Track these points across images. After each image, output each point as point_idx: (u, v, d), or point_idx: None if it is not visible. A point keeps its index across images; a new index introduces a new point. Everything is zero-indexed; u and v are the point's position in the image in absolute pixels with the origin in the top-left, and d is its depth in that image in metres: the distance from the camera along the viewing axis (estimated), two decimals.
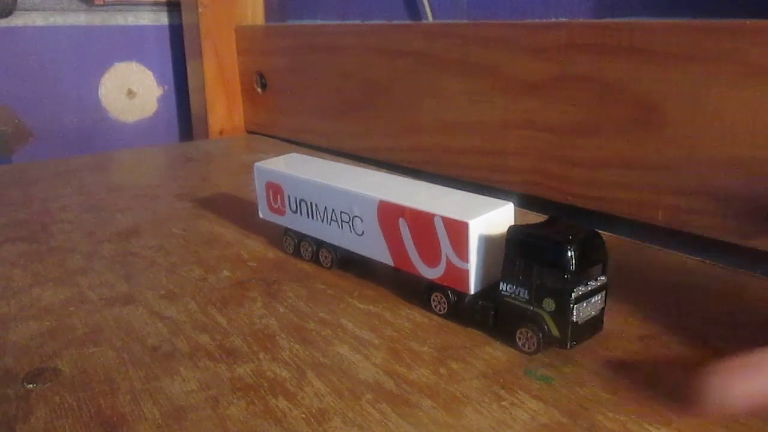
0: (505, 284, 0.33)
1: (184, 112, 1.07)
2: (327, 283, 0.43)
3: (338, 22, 0.86)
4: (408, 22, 0.74)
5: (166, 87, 1.07)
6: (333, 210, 0.42)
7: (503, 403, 0.29)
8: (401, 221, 0.37)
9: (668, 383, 0.30)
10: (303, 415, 0.29)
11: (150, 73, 1.05)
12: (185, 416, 0.29)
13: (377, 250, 0.39)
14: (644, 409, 0.28)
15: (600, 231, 0.33)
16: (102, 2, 0.98)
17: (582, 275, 0.32)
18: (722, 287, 0.40)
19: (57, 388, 0.31)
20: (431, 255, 0.36)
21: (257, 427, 0.28)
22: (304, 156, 0.51)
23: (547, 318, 0.32)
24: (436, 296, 0.37)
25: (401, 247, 0.38)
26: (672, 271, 0.43)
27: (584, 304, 0.32)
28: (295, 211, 0.45)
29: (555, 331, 0.32)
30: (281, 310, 0.39)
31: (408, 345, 0.34)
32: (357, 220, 0.40)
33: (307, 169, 0.45)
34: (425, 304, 0.38)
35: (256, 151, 0.85)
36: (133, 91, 1.04)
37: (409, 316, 0.38)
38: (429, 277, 0.37)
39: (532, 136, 0.57)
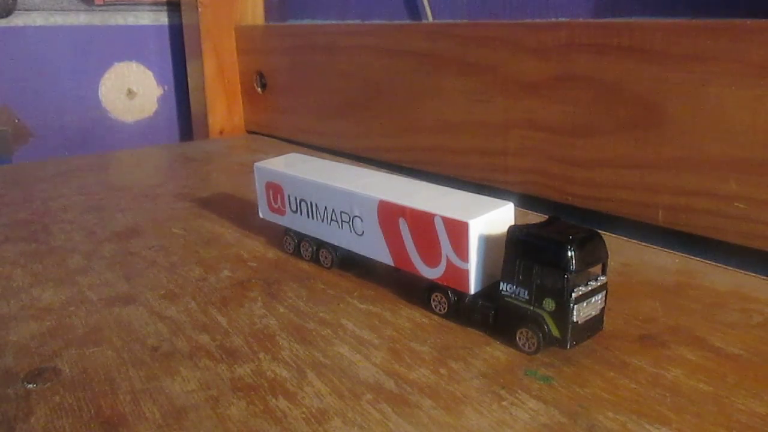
0: (505, 284, 0.33)
1: (184, 112, 1.07)
2: (327, 283, 0.43)
3: (338, 22, 0.86)
4: (408, 22, 0.74)
5: (166, 87, 1.07)
6: (333, 210, 0.42)
7: (503, 403, 0.29)
8: (401, 221, 0.37)
9: (668, 383, 0.30)
10: (303, 415, 0.29)
11: (150, 73, 1.05)
12: (185, 416, 0.29)
13: (377, 250, 0.39)
14: (644, 409, 0.28)
15: (600, 231, 0.33)
16: (102, 2, 0.98)
17: (582, 275, 0.32)
18: (722, 287, 0.40)
19: (57, 388, 0.31)
20: (431, 255, 0.36)
21: (257, 427, 0.28)
22: (304, 156, 0.51)
23: (548, 318, 0.32)
24: (436, 296, 0.37)
25: (401, 247, 0.38)
26: (672, 271, 0.43)
27: (584, 304, 0.32)
28: (295, 211, 0.45)
29: (555, 331, 0.32)
30: (281, 310, 0.39)
31: (408, 345, 0.34)
32: (357, 220, 0.40)
33: (307, 169, 0.45)
34: (425, 304, 0.38)
35: (256, 151, 0.85)
36: (133, 91, 1.04)
37: (409, 316, 0.38)
38: (429, 277, 0.37)
39: (532, 136, 0.57)
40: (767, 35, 0.41)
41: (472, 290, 0.35)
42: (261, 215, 0.48)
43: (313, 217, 0.43)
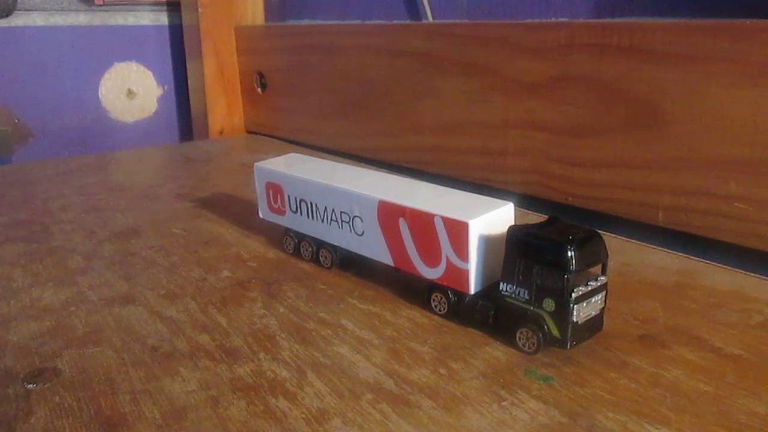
0: (505, 284, 0.33)
1: (184, 112, 1.07)
2: (327, 283, 0.43)
3: (338, 22, 0.86)
4: (408, 22, 0.74)
5: (166, 87, 1.07)
6: (333, 210, 0.42)
7: (503, 403, 0.29)
8: (401, 221, 0.37)
9: (668, 383, 0.30)
10: (303, 415, 0.29)
11: (150, 73, 1.05)
12: (185, 416, 0.29)
13: (377, 250, 0.39)
14: (644, 409, 0.28)
15: (600, 231, 0.33)
16: (102, 2, 0.98)
17: (582, 275, 0.32)
18: (722, 287, 0.40)
19: (57, 388, 0.31)
20: (431, 255, 0.36)
21: (257, 427, 0.28)
22: (304, 156, 0.51)
23: (547, 318, 0.32)
24: (436, 296, 0.37)
25: (401, 247, 0.38)
26: (672, 271, 0.43)
27: (584, 304, 0.32)
28: (295, 211, 0.45)
29: (555, 331, 0.32)
30: (281, 310, 0.39)
31: (408, 345, 0.34)
32: (357, 220, 0.40)
33: (307, 169, 0.45)
34: (425, 304, 0.38)
35: (256, 151, 0.85)
36: (133, 91, 1.04)
37: (409, 316, 0.38)
38: (429, 277, 0.37)
39: (532, 136, 0.57)
40: (767, 35, 0.41)
41: (472, 290, 0.35)
42: (261, 215, 0.48)
43: (313, 217, 0.43)
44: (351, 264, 0.44)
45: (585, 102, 0.52)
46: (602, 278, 0.33)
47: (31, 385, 0.31)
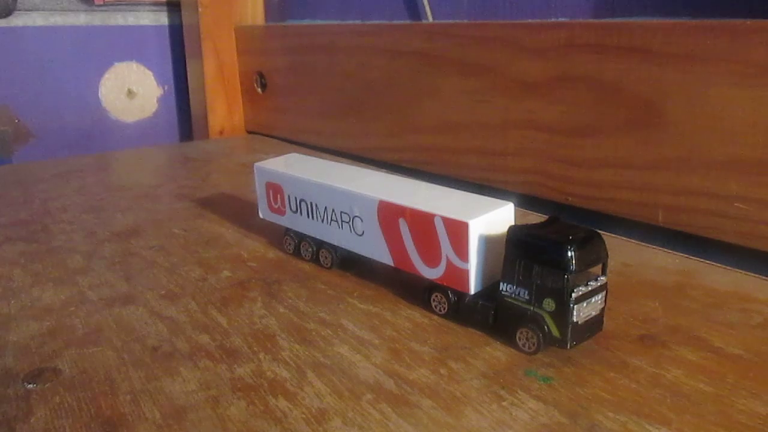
0: (505, 284, 0.33)
1: (184, 112, 1.07)
2: (327, 283, 0.43)
3: (338, 22, 0.86)
4: (408, 22, 0.74)
5: (166, 87, 1.07)
6: (333, 210, 0.42)
7: (503, 403, 0.29)
8: (401, 221, 0.37)
9: (668, 383, 0.30)
10: (303, 415, 0.29)
11: (150, 73, 1.05)
12: (185, 416, 0.29)
13: (377, 250, 0.39)
14: (644, 409, 0.28)
15: (600, 231, 0.33)
16: (102, 2, 0.98)
17: (582, 275, 0.32)
18: (722, 287, 0.40)
19: (57, 388, 0.31)
20: (431, 255, 0.36)
21: (257, 427, 0.28)
22: (304, 156, 0.51)
23: (548, 318, 0.32)
24: (436, 296, 0.37)
25: (401, 247, 0.38)
26: (672, 271, 0.43)
27: (584, 304, 0.32)
28: (295, 211, 0.45)
29: (555, 332, 0.32)
30: (281, 310, 0.39)
31: (408, 345, 0.34)
32: (357, 220, 0.40)
33: (307, 169, 0.45)
34: (425, 304, 0.38)
35: (256, 151, 0.85)
36: (133, 91, 1.04)
37: (409, 316, 0.38)
38: (429, 277, 0.37)
39: (532, 136, 0.57)
40: (767, 35, 0.41)
41: (472, 290, 0.35)
42: (261, 215, 0.48)
43: (313, 217, 0.43)
44: (351, 264, 0.44)
45: (585, 102, 0.52)
46: (602, 278, 0.33)
47: (31, 385, 0.31)
